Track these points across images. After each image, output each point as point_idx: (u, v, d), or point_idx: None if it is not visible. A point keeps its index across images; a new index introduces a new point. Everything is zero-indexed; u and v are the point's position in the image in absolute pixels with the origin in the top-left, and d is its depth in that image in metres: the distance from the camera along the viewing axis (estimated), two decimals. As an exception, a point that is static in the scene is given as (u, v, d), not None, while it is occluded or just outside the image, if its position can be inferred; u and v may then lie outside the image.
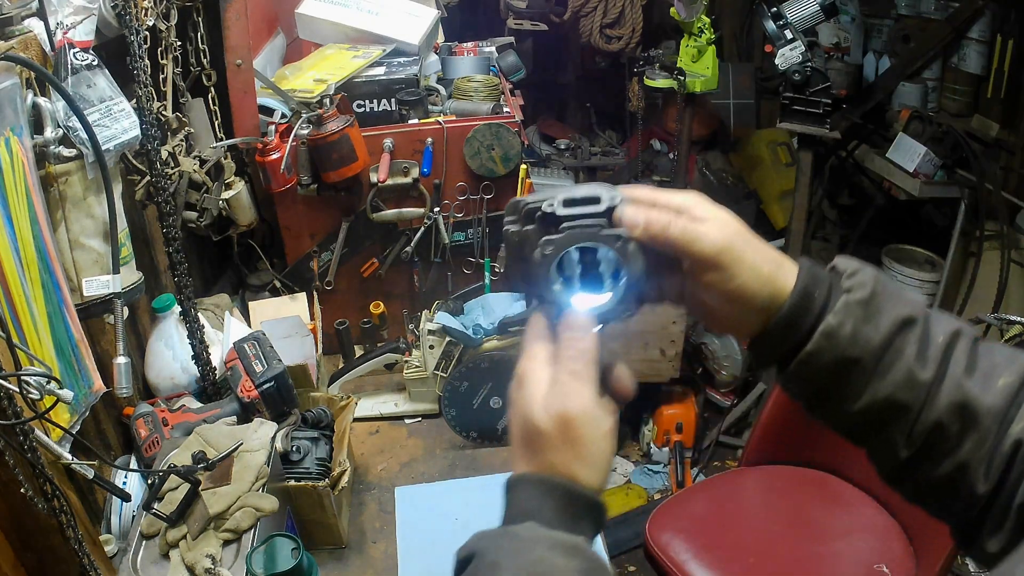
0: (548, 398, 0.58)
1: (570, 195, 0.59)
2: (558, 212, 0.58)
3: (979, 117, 3.24)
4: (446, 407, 1.79)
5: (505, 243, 0.63)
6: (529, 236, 0.60)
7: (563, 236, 0.57)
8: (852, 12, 3.66)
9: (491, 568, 0.52)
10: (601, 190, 0.59)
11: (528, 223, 0.60)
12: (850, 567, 1.70)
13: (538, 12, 3.42)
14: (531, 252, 0.59)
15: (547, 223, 0.59)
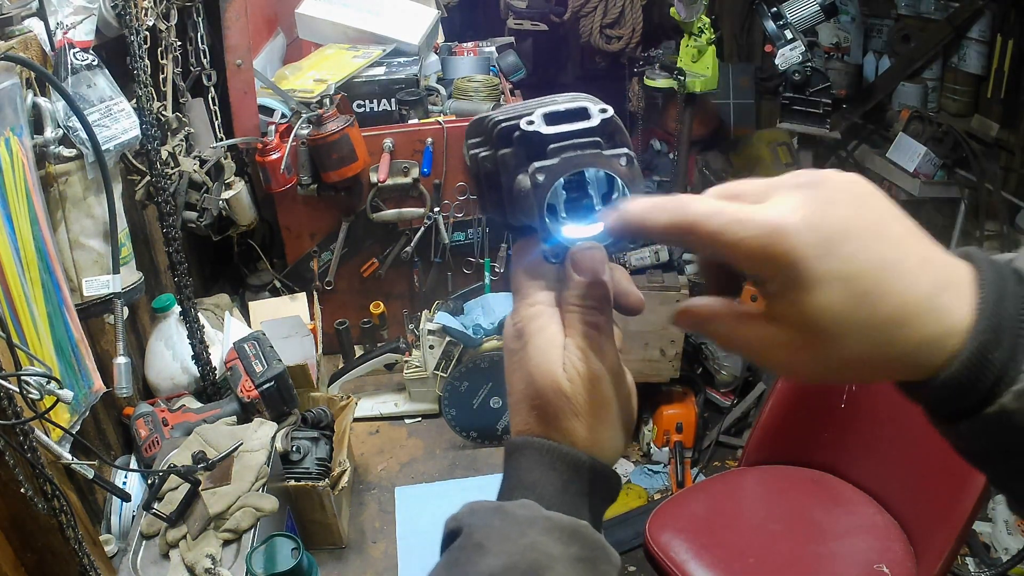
0: (569, 352, 0.49)
1: (552, 109, 0.49)
2: (543, 131, 0.48)
3: (979, 117, 3.24)
4: (446, 407, 1.79)
5: (473, 170, 0.53)
6: (507, 161, 0.50)
7: (559, 162, 0.48)
8: (852, 12, 3.66)
9: (476, 549, 0.47)
10: (586, 101, 0.50)
11: (503, 145, 0.51)
12: (850, 567, 1.70)
13: (538, 12, 3.42)
14: (510, 179, 0.50)
15: (529, 145, 0.49)
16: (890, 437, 1.85)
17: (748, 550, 1.80)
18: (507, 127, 0.50)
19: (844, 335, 0.40)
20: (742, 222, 0.41)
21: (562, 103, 0.50)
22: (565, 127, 0.49)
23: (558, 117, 0.49)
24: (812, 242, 0.39)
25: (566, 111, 0.49)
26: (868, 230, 0.40)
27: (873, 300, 0.40)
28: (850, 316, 0.40)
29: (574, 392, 0.48)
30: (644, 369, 2.84)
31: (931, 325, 0.40)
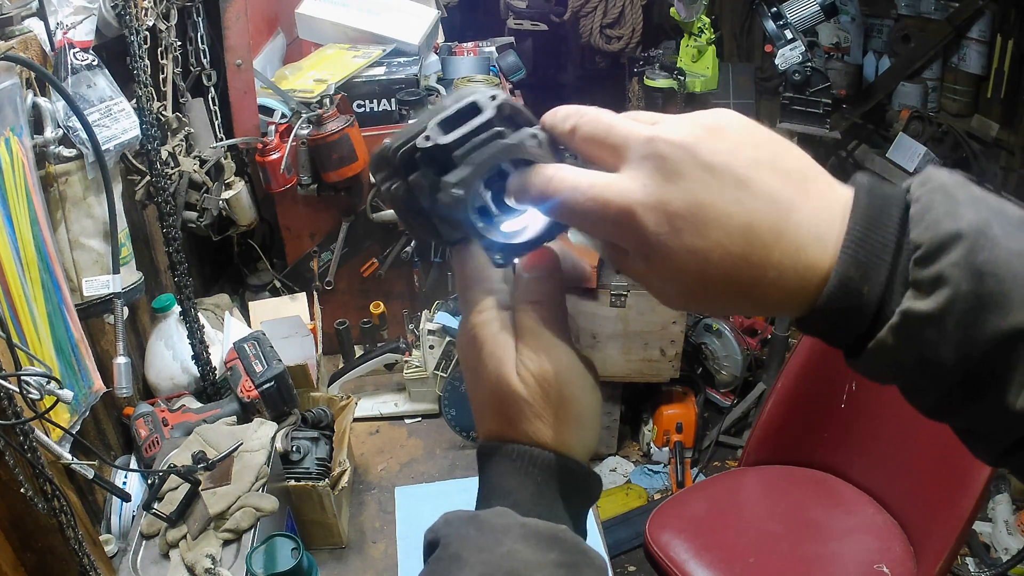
0: (521, 354, 0.48)
1: (443, 116, 0.47)
2: (441, 142, 0.46)
3: (979, 117, 3.24)
4: (446, 407, 1.79)
5: (390, 204, 0.51)
6: (420, 184, 0.48)
7: (471, 168, 0.45)
8: (852, 12, 3.66)
9: (453, 560, 0.46)
10: (474, 96, 0.47)
11: (410, 170, 0.48)
12: (850, 567, 1.70)
13: (538, 12, 3.42)
14: (430, 201, 0.47)
15: (435, 161, 0.47)
16: (890, 437, 1.85)
17: (748, 550, 1.80)
18: (407, 151, 0.49)
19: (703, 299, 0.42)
20: (596, 199, 0.42)
21: (451, 106, 0.48)
22: (462, 130, 0.47)
23: (452, 122, 0.47)
24: (661, 220, 0.40)
25: (457, 112, 0.47)
26: (722, 197, 0.40)
27: (724, 277, 0.40)
28: (709, 285, 0.41)
29: (531, 395, 0.48)
30: (644, 369, 2.84)
31: (792, 286, 0.40)
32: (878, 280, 0.39)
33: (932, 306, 0.37)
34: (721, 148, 0.41)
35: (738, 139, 0.42)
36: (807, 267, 0.40)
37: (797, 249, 0.40)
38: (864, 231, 0.39)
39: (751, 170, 0.41)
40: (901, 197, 0.40)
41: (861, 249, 0.39)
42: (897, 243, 0.39)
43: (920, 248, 0.38)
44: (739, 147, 0.41)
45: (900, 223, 0.39)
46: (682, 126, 0.42)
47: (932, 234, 0.38)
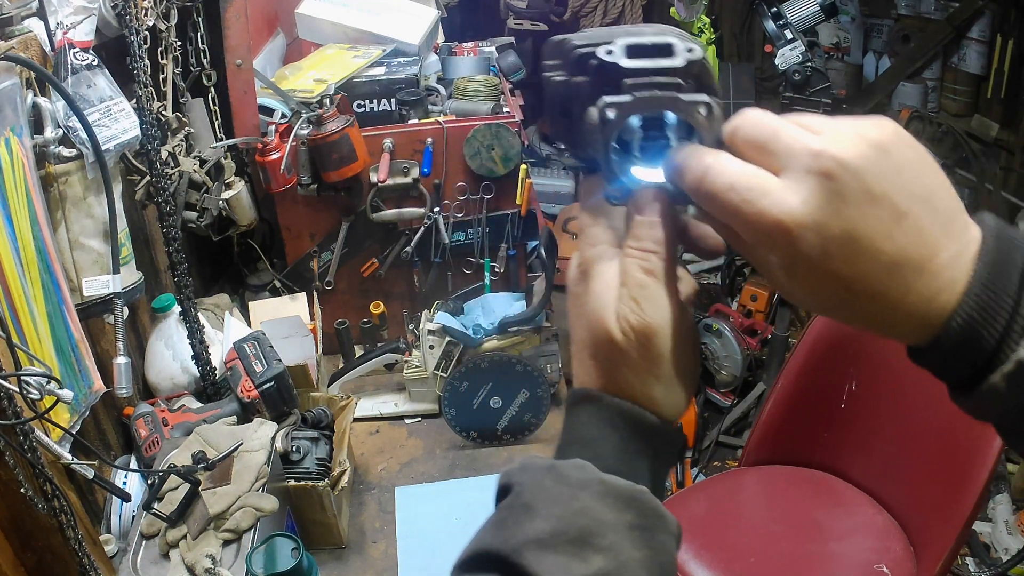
0: (623, 302, 0.46)
1: (635, 41, 0.45)
2: (621, 64, 0.45)
3: (979, 117, 3.23)
4: (446, 407, 1.79)
5: (547, 93, 0.50)
6: (581, 90, 0.46)
7: (632, 100, 0.44)
8: (852, 12, 3.66)
9: (525, 510, 0.44)
10: (673, 37, 0.46)
11: (578, 72, 0.47)
12: (850, 567, 1.70)
13: (538, 12, 3.42)
14: (582, 110, 0.46)
15: (606, 76, 0.45)
16: (890, 437, 1.85)
17: (748, 550, 1.80)
18: (585, 53, 0.47)
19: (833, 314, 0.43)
20: (752, 204, 0.41)
21: (648, 36, 0.46)
22: (646, 62, 0.45)
23: (640, 51, 0.45)
24: (814, 243, 0.40)
25: (651, 45, 0.46)
26: (878, 229, 0.40)
27: (859, 303, 0.41)
28: (843, 307, 0.42)
29: (627, 345, 0.46)
30: (644, 369, 2.83)
31: (921, 322, 0.41)
32: (998, 325, 0.39)
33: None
34: (886, 173, 0.40)
35: (902, 163, 0.41)
36: (938, 309, 0.41)
37: (934, 292, 0.41)
38: (990, 276, 0.40)
39: (910, 204, 0.40)
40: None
41: (985, 293, 0.40)
42: (1019, 290, 0.40)
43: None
44: (902, 173, 0.41)
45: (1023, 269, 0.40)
46: (851, 142, 0.40)
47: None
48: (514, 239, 2.13)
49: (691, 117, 0.45)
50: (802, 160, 0.41)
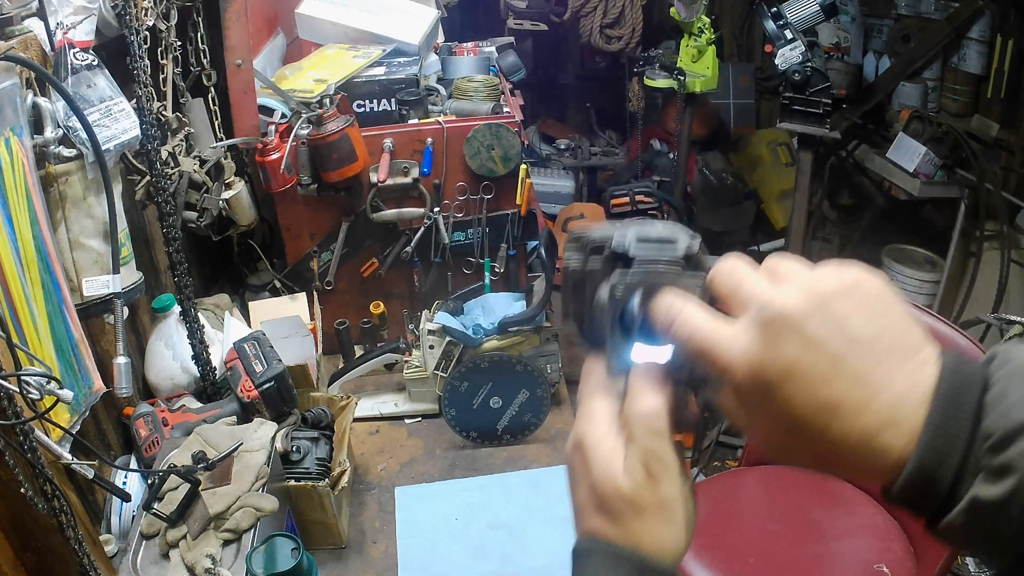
0: (631, 459, 0.51)
1: (644, 233, 0.52)
2: (631, 251, 0.52)
3: (979, 117, 3.23)
4: (446, 407, 1.79)
5: (563, 278, 0.57)
6: (594, 272, 0.54)
7: (637, 277, 0.51)
8: (852, 12, 3.66)
9: None
10: (679, 231, 0.53)
11: (594, 258, 0.54)
12: (850, 567, 1.70)
13: (538, 12, 3.42)
14: (592, 291, 0.53)
15: (617, 261, 0.52)
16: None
17: (748, 550, 1.80)
18: (599, 243, 0.54)
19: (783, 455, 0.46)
20: (707, 350, 0.46)
21: (656, 231, 0.53)
22: (653, 249, 0.52)
23: (649, 240, 0.52)
24: (753, 388, 0.44)
25: (657, 237, 0.52)
26: (813, 373, 0.43)
27: (804, 442, 0.44)
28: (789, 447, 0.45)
29: (636, 493, 0.50)
30: (644, 369, 2.83)
31: (866, 463, 0.43)
32: (952, 464, 0.41)
33: (999, 493, 0.39)
34: (829, 321, 0.43)
35: (851, 311, 0.44)
36: (880, 451, 0.43)
37: (874, 433, 0.43)
38: (942, 418, 0.42)
39: (850, 348, 0.43)
40: (980, 380, 0.42)
41: (938, 436, 0.42)
42: (972, 430, 0.41)
43: (991, 437, 0.40)
44: (847, 320, 0.43)
45: (977, 408, 0.42)
46: (796, 293, 0.44)
47: (1004, 423, 0.40)
48: (514, 239, 2.13)
49: (688, 291, 0.50)
50: (752, 310, 0.45)
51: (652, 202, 2.62)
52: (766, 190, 3.78)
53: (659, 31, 3.75)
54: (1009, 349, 0.44)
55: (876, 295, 0.45)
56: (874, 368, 0.43)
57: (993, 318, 2.42)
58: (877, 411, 0.42)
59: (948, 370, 0.43)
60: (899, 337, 0.44)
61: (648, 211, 2.60)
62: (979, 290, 3.10)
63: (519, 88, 2.53)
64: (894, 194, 3.40)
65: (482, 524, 1.61)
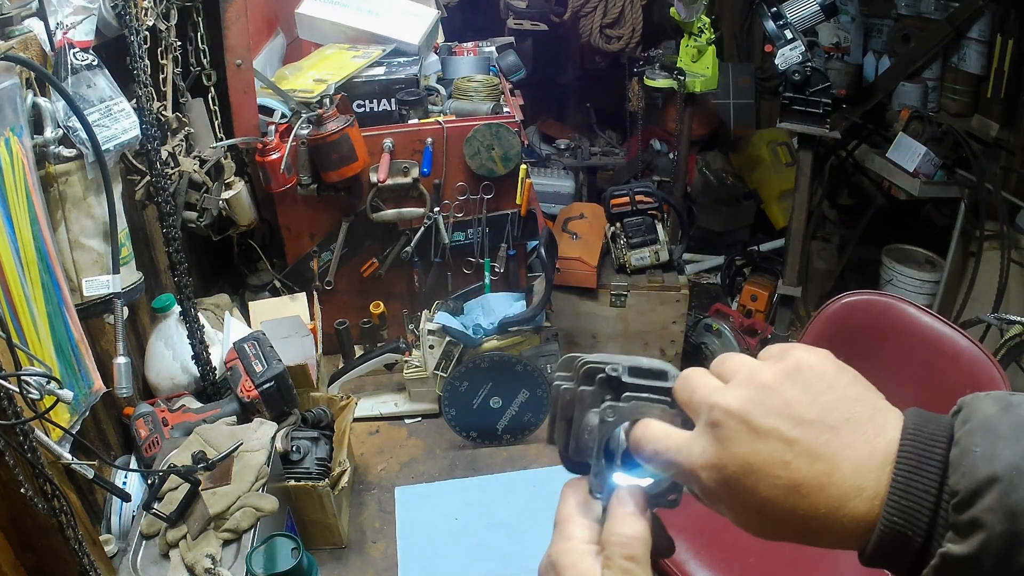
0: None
1: (636, 364, 0.55)
2: (624, 379, 0.54)
3: (979, 117, 3.24)
4: (446, 407, 1.79)
5: (553, 399, 0.59)
6: (584, 398, 0.56)
7: (628, 406, 0.54)
8: (852, 12, 3.66)
9: None
10: (668, 366, 0.55)
11: (585, 383, 0.56)
12: (850, 567, 1.70)
13: (538, 12, 3.42)
14: (580, 414, 0.56)
15: (608, 389, 0.55)
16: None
17: (748, 550, 1.80)
18: (592, 368, 0.56)
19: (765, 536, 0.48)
20: (671, 460, 0.49)
21: (647, 363, 0.55)
22: (644, 381, 0.54)
23: (640, 372, 0.54)
24: (717, 485, 0.47)
25: (648, 369, 0.55)
26: (769, 462, 0.45)
27: (778, 523, 0.46)
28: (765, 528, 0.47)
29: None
30: (644, 369, 2.83)
31: (839, 532, 0.45)
32: (921, 523, 0.43)
33: (968, 549, 0.40)
34: (772, 410, 0.46)
35: (793, 396, 0.46)
36: (850, 518, 0.45)
37: (839, 503, 0.45)
38: (907, 479, 0.43)
39: (799, 431, 0.45)
40: (945, 437, 0.44)
41: (905, 497, 0.43)
42: (938, 488, 0.42)
43: (957, 495, 0.41)
44: (791, 405, 0.46)
45: (942, 466, 0.43)
46: (738, 389, 0.47)
47: (968, 481, 0.41)
48: (514, 239, 2.13)
49: (674, 423, 0.53)
50: (703, 414, 0.48)
51: (652, 202, 2.61)
52: (766, 190, 3.77)
53: (659, 31, 3.75)
54: (972, 402, 0.45)
55: (818, 374, 0.47)
56: (828, 443, 0.45)
57: (993, 318, 2.41)
58: (840, 482, 0.44)
59: (910, 431, 0.45)
60: (847, 409, 0.46)
61: (648, 211, 2.60)
62: (979, 290, 3.10)
63: (519, 88, 2.52)
64: (894, 194, 3.40)
65: (482, 524, 1.61)
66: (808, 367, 0.48)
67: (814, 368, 0.48)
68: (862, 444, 0.45)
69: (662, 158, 3.81)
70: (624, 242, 2.47)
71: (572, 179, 3.67)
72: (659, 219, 2.57)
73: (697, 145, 3.79)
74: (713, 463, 0.47)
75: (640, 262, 2.54)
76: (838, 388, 0.47)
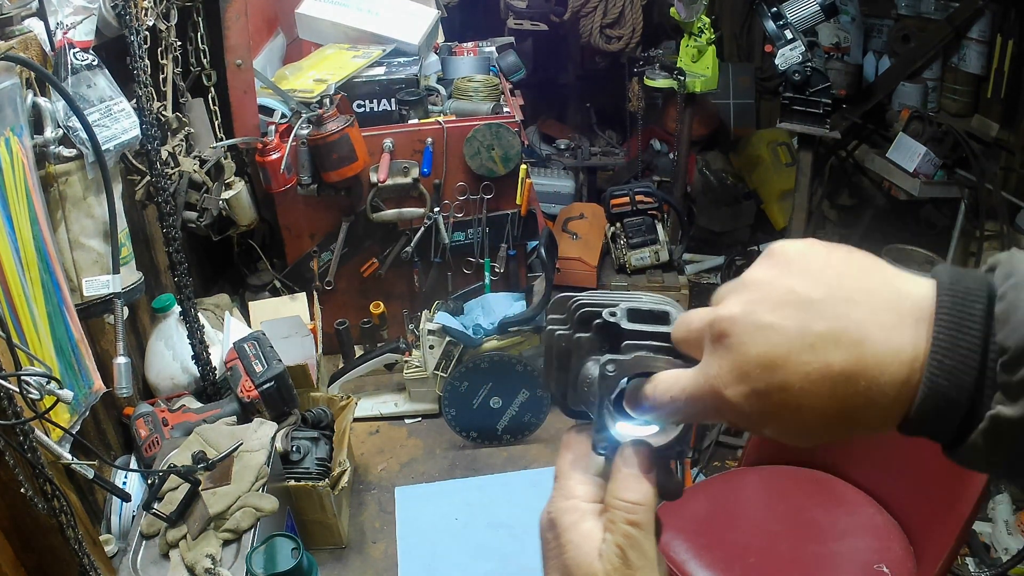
0: (608, 547, 0.50)
1: (636, 306, 0.50)
2: (623, 325, 0.50)
3: (979, 117, 3.24)
4: (446, 407, 1.79)
5: (547, 344, 0.54)
6: (582, 344, 0.52)
7: (631, 359, 0.49)
8: (852, 12, 3.66)
9: None
10: (670, 307, 0.51)
11: (582, 329, 0.52)
12: (850, 567, 1.70)
13: (538, 12, 3.42)
14: (580, 363, 0.52)
15: (606, 335, 0.51)
16: (890, 437, 1.84)
17: (748, 550, 1.80)
18: (589, 312, 0.51)
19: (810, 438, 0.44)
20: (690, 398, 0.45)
21: (647, 303, 0.51)
22: (645, 327, 0.50)
23: (640, 316, 0.50)
24: (748, 392, 0.43)
25: (649, 311, 0.50)
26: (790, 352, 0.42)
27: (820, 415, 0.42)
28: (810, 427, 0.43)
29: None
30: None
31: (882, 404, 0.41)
32: (967, 384, 0.39)
33: (1021, 411, 0.37)
34: (778, 301, 0.42)
35: (794, 282, 0.43)
36: (891, 385, 0.41)
37: (878, 372, 0.41)
38: (950, 337, 0.39)
39: (812, 311, 0.42)
40: (984, 290, 0.40)
41: (948, 356, 0.39)
42: (984, 344, 0.39)
43: (1006, 353, 0.38)
44: (795, 291, 0.43)
45: (986, 321, 0.39)
46: (736, 296, 0.44)
47: (1018, 337, 0.37)
48: (514, 239, 2.13)
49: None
50: (706, 335, 0.45)
51: (652, 202, 2.61)
52: (766, 190, 3.78)
53: (659, 31, 3.75)
54: (1011, 259, 0.41)
55: (810, 257, 0.44)
56: (848, 314, 0.41)
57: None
58: (873, 350, 0.41)
59: (946, 285, 0.41)
60: (856, 279, 0.43)
61: (648, 211, 2.60)
62: (979, 290, 3.10)
63: (519, 88, 2.52)
64: (894, 194, 3.40)
65: (482, 524, 1.61)
66: (798, 253, 0.45)
67: (804, 253, 0.45)
68: (886, 308, 0.42)
69: (662, 158, 3.81)
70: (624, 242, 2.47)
71: (572, 179, 3.67)
72: (659, 219, 2.57)
73: (697, 145, 3.80)
74: (735, 376, 0.43)
75: (640, 262, 2.54)
76: (835, 264, 0.44)
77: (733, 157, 3.92)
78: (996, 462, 0.40)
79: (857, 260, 0.44)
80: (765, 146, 3.81)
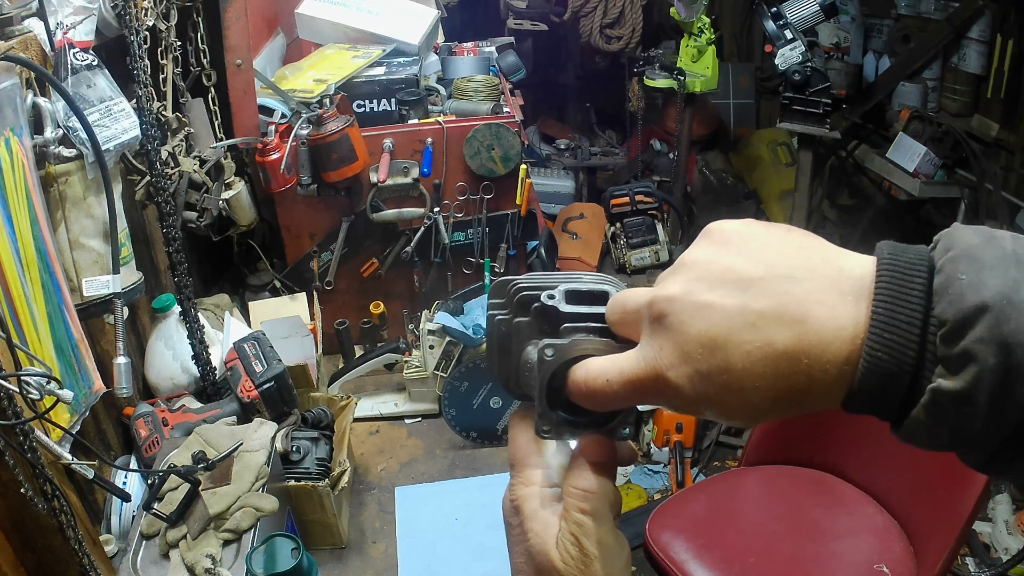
0: (564, 535, 0.50)
1: (575, 287, 0.50)
2: (561, 308, 0.49)
3: (979, 117, 3.24)
4: (446, 407, 1.79)
5: (488, 329, 0.54)
6: (522, 329, 0.51)
7: (568, 343, 0.48)
8: (852, 12, 3.67)
9: None
10: (609, 285, 0.50)
11: (521, 313, 0.51)
12: (850, 567, 1.70)
13: (538, 12, 3.42)
14: (520, 348, 0.51)
15: (545, 319, 0.50)
16: (890, 437, 1.84)
17: (748, 550, 1.80)
18: (528, 296, 0.51)
19: (757, 417, 0.43)
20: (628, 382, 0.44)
21: (586, 283, 0.50)
22: (583, 308, 0.49)
23: (579, 297, 0.49)
24: (691, 373, 0.42)
25: (587, 292, 0.50)
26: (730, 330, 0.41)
27: (763, 395, 0.41)
28: (756, 408, 0.42)
29: (566, 570, 0.50)
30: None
31: (826, 380, 0.41)
32: (908, 359, 0.39)
33: (961, 384, 0.37)
34: (717, 279, 0.42)
35: (733, 261, 0.42)
36: (834, 363, 0.40)
37: (820, 350, 0.40)
38: (889, 311, 0.39)
39: (753, 290, 0.41)
40: (925, 264, 0.40)
41: (887, 329, 0.39)
42: (923, 317, 0.38)
43: (945, 325, 0.37)
44: (734, 269, 0.42)
45: (925, 295, 0.39)
46: (675, 276, 0.43)
47: (956, 309, 0.37)
48: (514, 239, 2.13)
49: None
50: (644, 316, 0.44)
51: (652, 202, 2.62)
52: (766, 190, 3.78)
53: (659, 31, 3.75)
54: (952, 233, 0.41)
55: (748, 236, 0.43)
56: (788, 292, 0.41)
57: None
58: (814, 328, 0.40)
59: (885, 260, 0.41)
60: (795, 257, 0.42)
61: (648, 211, 2.60)
62: (979, 290, 3.10)
63: (519, 88, 2.53)
64: (894, 194, 3.40)
65: (482, 524, 1.61)
66: (736, 232, 0.44)
67: (742, 232, 0.44)
68: (827, 286, 0.41)
69: (662, 158, 3.81)
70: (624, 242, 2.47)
71: (572, 179, 3.67)
72: (659, 219, 2.57)
73: (697, 145, 3.80)
74: (677, 357, 0.42)
75: (640, 262, 2.55)
76: (774, 243, 0.43)
77: (733, 157, 3.92)
78: (939, 436, 0.39)
79: (796, 238, 0.43)
80: (765, 146, 3.81)
